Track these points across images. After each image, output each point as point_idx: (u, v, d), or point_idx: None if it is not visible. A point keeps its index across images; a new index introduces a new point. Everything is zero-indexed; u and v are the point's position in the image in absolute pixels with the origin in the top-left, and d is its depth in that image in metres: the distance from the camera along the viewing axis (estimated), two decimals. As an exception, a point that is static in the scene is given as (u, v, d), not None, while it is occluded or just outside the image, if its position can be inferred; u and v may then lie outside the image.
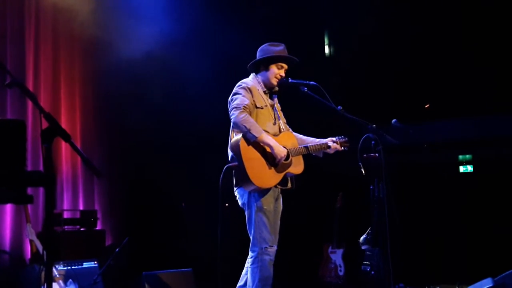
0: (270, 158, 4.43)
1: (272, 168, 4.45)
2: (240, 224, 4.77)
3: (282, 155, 4.41)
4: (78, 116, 7.62)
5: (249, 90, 4.55)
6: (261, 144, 4.40)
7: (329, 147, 4.76)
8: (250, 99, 4.50)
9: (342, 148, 4.82)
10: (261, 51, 4.75)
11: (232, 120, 4.42)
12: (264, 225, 4.44)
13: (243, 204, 4.57)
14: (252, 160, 4.36)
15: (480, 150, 8.16)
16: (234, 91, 4.58)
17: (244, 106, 4.40)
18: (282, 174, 4.50)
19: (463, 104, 8.00)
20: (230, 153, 4.50)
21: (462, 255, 7.52)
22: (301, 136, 4.85)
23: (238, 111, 4.37)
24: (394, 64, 8.36)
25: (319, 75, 5.35)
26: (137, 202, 7.90)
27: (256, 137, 4.34)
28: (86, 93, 7.74)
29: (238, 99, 4.47)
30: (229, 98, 4.59)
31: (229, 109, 4.50)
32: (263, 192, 4.46)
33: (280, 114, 4.81)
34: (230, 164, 4.44)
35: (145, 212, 7.84)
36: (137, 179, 7.91)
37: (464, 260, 7.41)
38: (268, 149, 4.41)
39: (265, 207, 4.45)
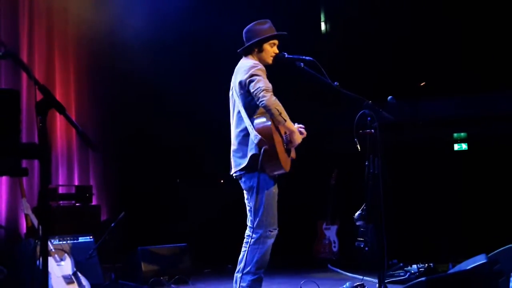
0: (285, 143, 4.48)
1: (286, 153, 4.51)
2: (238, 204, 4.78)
3: (299, 141, 4.49)
4: (73, 89, 7.59)
5: (264, 72, 4.49)
6: (284, 128, 4.43)
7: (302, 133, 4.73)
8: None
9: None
10: (250, 32, 4.63)
11: (262, 103, 4.28)
12: (272, 208, 4.47)
13: (250, 187, 4.49)
14: (279, 144, 4.40)
15: (475, 128, 8.19)
16: (251, 71, 4.40)
17: (271, 89, 4.38)
18: (290, 159, 4.58)
19: (459, 82, 8.00)
20: (256, 136, 4.33)
21: (456, 232, 7.58)
22: None
23: (269, 94, 4.30)
24: (390, 41, 8.34)
25: (315, 51, 5.31)
26: (133, 178, 7.90)
27: (285, 121, 4.35)
28: (80, 66, 7.70)
29: (262, 81, 4.35)
30: (243, 78, 4.42)
31: (253, 91, 4.33)
32: (274, 176, 4.48)
33: None
34: (264, 147, 4.31)
35: (140, 187, 7.85)
36: (133, 154, 7.90)
37: (458, 237, 7.47)
38: (283, 133, 4.46)
39: (274, 191, 4.49)
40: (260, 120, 4.40)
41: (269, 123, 4.35)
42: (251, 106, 4.43)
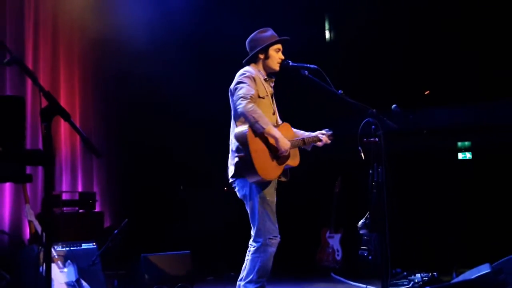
0: (274, 150, 4.41)
1: (275, 160, 4.44)
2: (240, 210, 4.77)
3: (287, 148, 4.39)
4: (77, 96, 7.61)
5: (253, 79, 4.49)
6: (266, 135, 4.38)
7: (320, 140, 4.75)
8: (254, 88, 4.46)
9: (329, 141, 4.80)
10: (253, 41, 4.67)
11: (239, 110, 4.35)
12: (268, 216, 4.44)
13: (243, 196, 4.53)
14: (258, 152, 4.34)
15: (479, 137, 8.17)
16: (237, 79, 4.49)
17: (251, 96, 4.35)
18: (283, 166, 4.50)
19: (463, 91, 7.99)
20: (235, 143, 4.43)
21: (460, 241, 7.55)
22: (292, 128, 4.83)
23: (245, 101, 4.31)
24: (395, 49, 8.35)
25: (319, 60, 5.31)
26: (136, 184, 7.90)
27: (264, 129, 4.30)
28: (85, 73, 7.73)
29: (244, 88, 4.39)
30: (232, 87, 4.52)
31: (234, 98, 4.42)
32: (265, 183, 4.44)
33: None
34: (239, 154, 4.40)
35: (143, 194, 7.84)
36: (137, 161, 7.90)
37: (462, 246, 7.44)
38: (271, 141, 4.39)
39: (268, 198, 4.45)
40: (240, 128, 4.42)
41: (246, 130, 4.34)
42: (237, 113, 4.46)
